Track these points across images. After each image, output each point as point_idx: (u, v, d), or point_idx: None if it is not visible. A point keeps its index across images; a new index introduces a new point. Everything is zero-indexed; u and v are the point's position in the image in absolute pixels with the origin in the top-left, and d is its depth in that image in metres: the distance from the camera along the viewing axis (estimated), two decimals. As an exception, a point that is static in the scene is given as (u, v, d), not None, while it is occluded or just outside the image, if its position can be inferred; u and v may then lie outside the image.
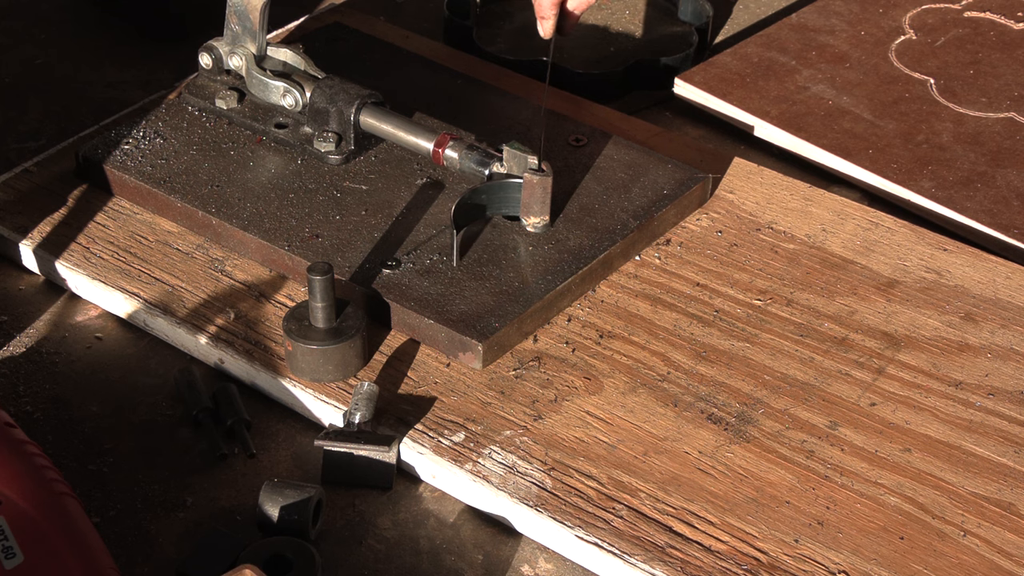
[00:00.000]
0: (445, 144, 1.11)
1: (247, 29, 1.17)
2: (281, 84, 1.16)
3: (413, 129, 1.13)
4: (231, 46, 1.19)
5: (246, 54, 1.18)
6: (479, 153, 1.10)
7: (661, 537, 0.91)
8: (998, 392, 1.02)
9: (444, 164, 1.11)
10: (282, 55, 1.19)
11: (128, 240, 1.12)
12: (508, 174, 1.08)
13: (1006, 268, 1.12)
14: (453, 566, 0.91)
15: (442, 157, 1.11)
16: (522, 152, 1.07)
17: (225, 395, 1.00)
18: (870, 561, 0.89)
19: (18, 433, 0.87)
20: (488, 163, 1.09)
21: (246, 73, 1.19)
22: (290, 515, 0.89)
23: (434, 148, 1.11)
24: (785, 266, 1.12)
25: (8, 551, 0.79)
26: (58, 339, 1.06)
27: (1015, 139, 1.28)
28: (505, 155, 1.08)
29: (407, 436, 0.96)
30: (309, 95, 1.16)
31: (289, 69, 1.19)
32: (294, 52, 1.19)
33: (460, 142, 1.11)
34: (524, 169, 1.07)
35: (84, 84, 1.36)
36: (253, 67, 1.18)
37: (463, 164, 1.10)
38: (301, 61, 1.19)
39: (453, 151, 1.11)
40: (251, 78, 1.18)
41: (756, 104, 1.31)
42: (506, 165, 1.08)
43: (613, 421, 0.98)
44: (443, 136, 1.11)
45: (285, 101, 1.17)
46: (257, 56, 1.18)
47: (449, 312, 1.03)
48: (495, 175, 1.09)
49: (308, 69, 1.18)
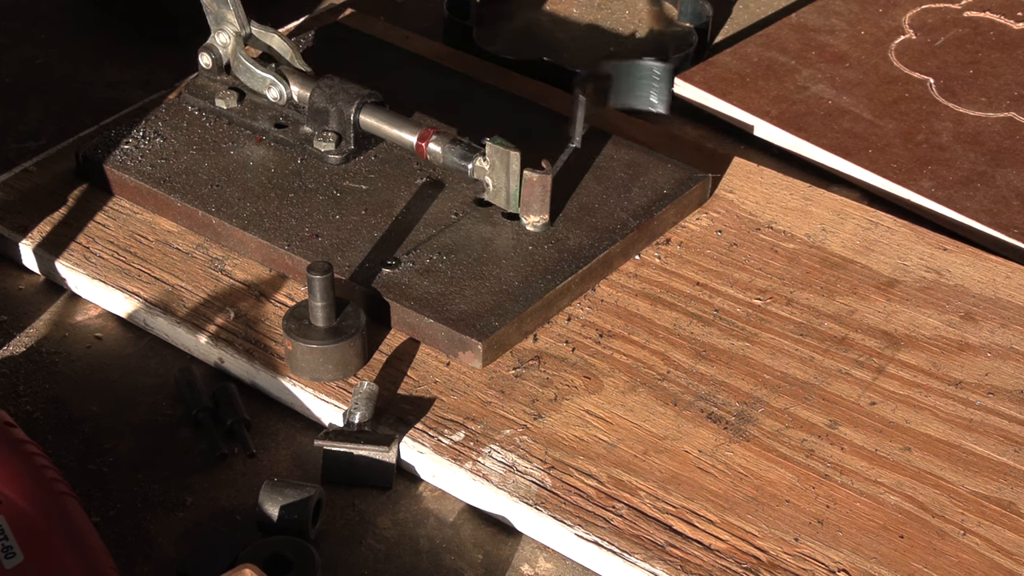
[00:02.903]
0: (428, 138, 1.11)
1: (222, 4, 1.17)
2: (268, 76, 1.16)
3: (399, 124, 1.13)
4: (216, 26, 1.18)
5: (232, 32, 1.17)
6: (462, 147, 1.10)
7: (661, 536, 0.91)
8: (998, 391, 1.02)
9: (428, 158, 1.11)
10: (268, 39, 1.19)
11: (128, 240, 1.12)
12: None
13: (1006, 268, 1.13)
14: (453, 565, 0.91)
15: (425, 151, 1.11)
16: (504, 147, 1.07)
17: (225, 395, 1.00)
18: (870, 560, 0.89)
19: (18, 433, 0.87)
20: (471, 157, 1.09)
21: (232, 55, 1.18)
22: (290, 515, 0.89)
23: (417, 142, 1.11)
24: (785, 266, 1.12)
25: (8, 551, 0.79)
26: (58, 339, 1.06)
27: (1015, 139, 1.28)
28: (488, 150, 1.08)
29: (407, 435, 0.96)
30: (309, 95, 1.16)
31: (275, 56, 1.19)
32: (281, 39, 1.18)
33: (443, 136, 1.11)
34: (506, 164, 1.07)
35: (84, 84, 1.37)
36: (240, 51, 1.17)
37: (446, 158, 1.10)
38: (288, 50, 1.19)
39: (436, 145, 1.11)
40: (237, 61, 1.18)
41: (756, 104, 1.31)
42: (488, 160, 1.08)
43: (613, 420, 0.98)
44: (426, 130, 1.11)
45: (270, 93, 1.17)
46: (243, 35, 1.18)
47: (449, 311, 1.03)
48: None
49: (295, 61, 1.18)
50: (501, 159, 1.07)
